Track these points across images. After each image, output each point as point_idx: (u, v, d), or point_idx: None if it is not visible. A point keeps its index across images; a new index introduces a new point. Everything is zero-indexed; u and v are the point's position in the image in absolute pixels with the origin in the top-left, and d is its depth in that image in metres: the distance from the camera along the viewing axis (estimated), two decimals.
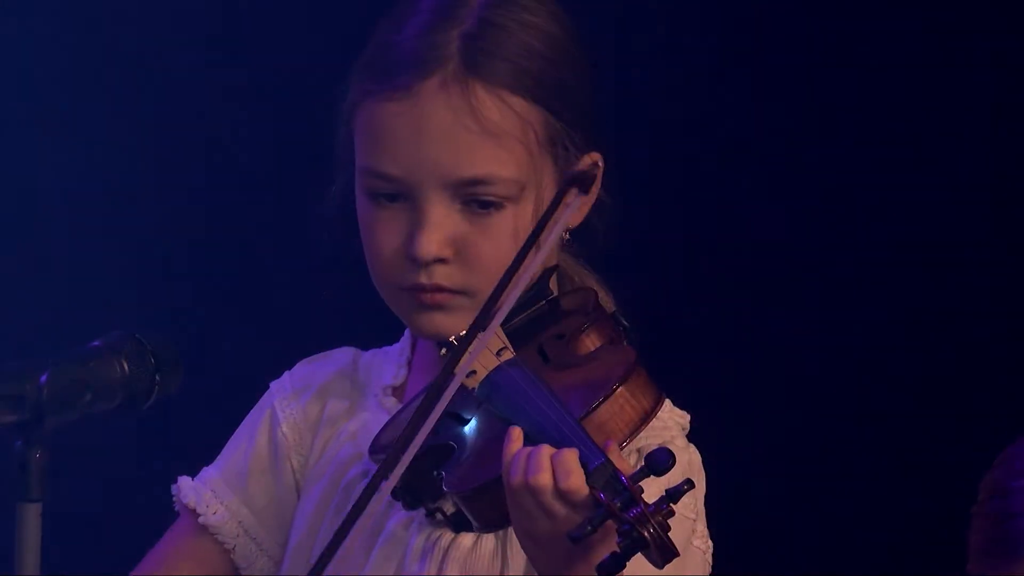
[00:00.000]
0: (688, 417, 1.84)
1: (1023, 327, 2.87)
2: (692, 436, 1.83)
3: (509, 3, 1.77)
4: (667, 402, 1.79)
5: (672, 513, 1.47)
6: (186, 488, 1.92)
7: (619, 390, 1.61)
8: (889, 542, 2.87)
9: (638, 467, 1.50)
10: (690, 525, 1.76)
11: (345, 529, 1.52)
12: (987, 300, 2.89)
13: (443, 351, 1.73)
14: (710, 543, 1.81)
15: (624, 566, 1.46)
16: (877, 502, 2.88)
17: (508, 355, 1.69)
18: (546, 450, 1.53)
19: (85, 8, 3.12)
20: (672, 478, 1.50)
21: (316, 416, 1.92)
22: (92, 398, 1.58)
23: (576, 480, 1.50)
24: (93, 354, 1.60)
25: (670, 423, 1.80)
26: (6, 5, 3.09)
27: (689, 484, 1.49)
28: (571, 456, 1.51)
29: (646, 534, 1.44)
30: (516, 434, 1.57)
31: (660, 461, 1.49)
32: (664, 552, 1.45)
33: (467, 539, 1.76)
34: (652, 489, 1.49)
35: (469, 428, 1.66)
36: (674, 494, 1.47)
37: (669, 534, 1.45)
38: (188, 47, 3.14)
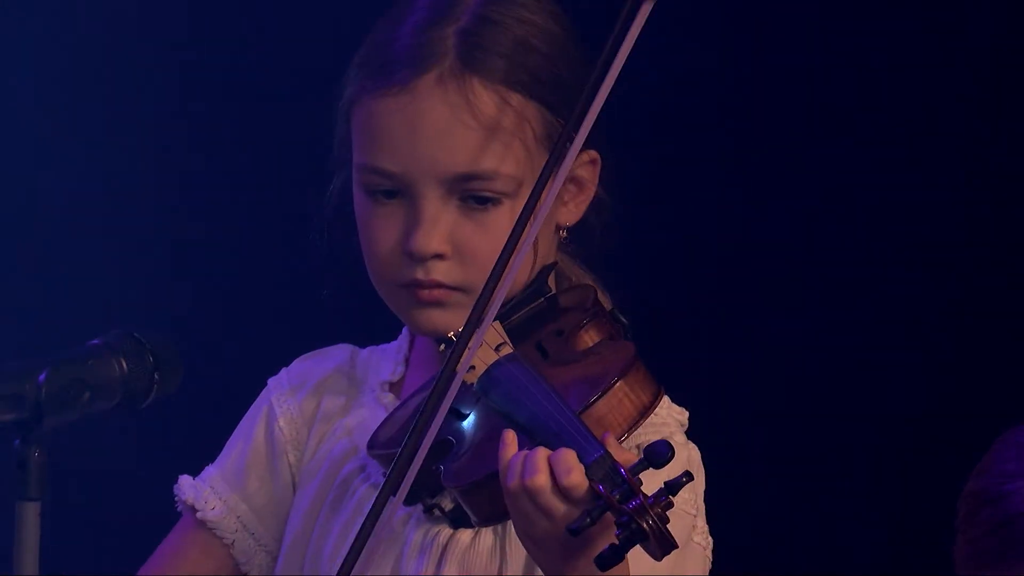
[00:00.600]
0: (687, 414, 1.84)
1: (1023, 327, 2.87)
2: (691, 433, 1.83)
3: (506, 0, 1.77)
4: (666, 399, 1.79)
5: (671, 505, 1.47)
6: (186, 486, 1.93)
7: (618, 384, 1.61)
8: (889, 542, 2.87)
9: (637, 459, 1.50)
10: (690, 521, 1.76)
11: (363, 537, 1.52)
12: (988, 300, 2.89)
13: (442, 347, 1.74)
14: (710, 539, 1.81)
15: (623, 558, 1.45)
16: (877, 501, 2.88)
17: (507, 350, 1.70)
18: (542, 452, 1.53)
19: (86, 8, 3.12)
20: (671, 472, 1.50)
21: (312, 412, 1.93)
22: (91, 397, 1.58)
23: (576, 476, 1.49)
24: (92, 353, 1.60)
25: (669, 420, 1.80)
26: (6, 5, 3.09)
27: (688, 476, 1.49)
28: (569, 454, 1.51)
29: (645, 526, 1.44)
30: (510, 438, 1.57)
31: (659, 453, 1.49)
32: (663, 544, 1.45)
33: (465, 535, 1.76)
34: (651, 483, 1.49)
35: (468, 423, 1.66)
36: (673, 486, 1.47)
37: (668, 527, 1.45)
38: (189, 47, 3.14)
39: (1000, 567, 1.80)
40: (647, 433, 1.72)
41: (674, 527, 1.48)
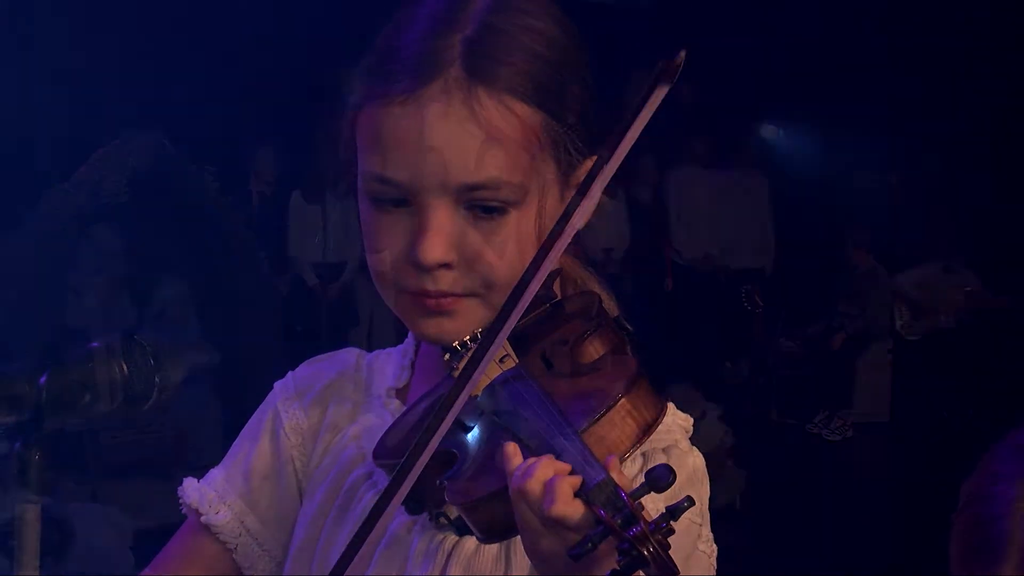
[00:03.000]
0: (691, 420, 1.84)
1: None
2: (695, 439, 1.83)
3: (511, 8, 1.75)
4: (671, 405, 1.78)
5: (672, 531, 1.45)
6: (190, 489, 1.93)
7: (621, 402, 1.59)
8: (893, 547, 2.87)
9: (638, 484, 1.48)
10: (696, 530, 1.76)
11: (358, 542, 1.51)
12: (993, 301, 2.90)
13: (447, 356, 1.73)
14: (715, 547, 1.81)
15: None
16: (881, 507, 2.89)
17: (511, 363, 1.68)
18: (544, 467, 1.50)
19: (88, 9, 3.13)
20: (673, 489, 1.49)
21: (319, 418, 1.92)
22: (91, 400, 1.58)
23: (559, 508, 1.47)
24: (92, 356, 1.60)
25: (673, 427, 1.80)
26: (6, 5, 3.09)
27: (689, 501, 1.47)
28: (562, 485, 1.48)
29: (646, 552, 1.42)
30: (511, 450, 1.54)
31: (661, 477, 1.47)
32: (664, 570, 1.43)
33: (470, 542, 1.75)
34: (653, 505, 1.48)
35: (472, 436, 1.64)
36: (675, 511, 1.45)
37: (670, 552, 1.44)
38: (194, 49, 3.15)
39: (975, 565, 1.81)
40: (652, 441, 1.71)
41: (679, 537, 1.47)
